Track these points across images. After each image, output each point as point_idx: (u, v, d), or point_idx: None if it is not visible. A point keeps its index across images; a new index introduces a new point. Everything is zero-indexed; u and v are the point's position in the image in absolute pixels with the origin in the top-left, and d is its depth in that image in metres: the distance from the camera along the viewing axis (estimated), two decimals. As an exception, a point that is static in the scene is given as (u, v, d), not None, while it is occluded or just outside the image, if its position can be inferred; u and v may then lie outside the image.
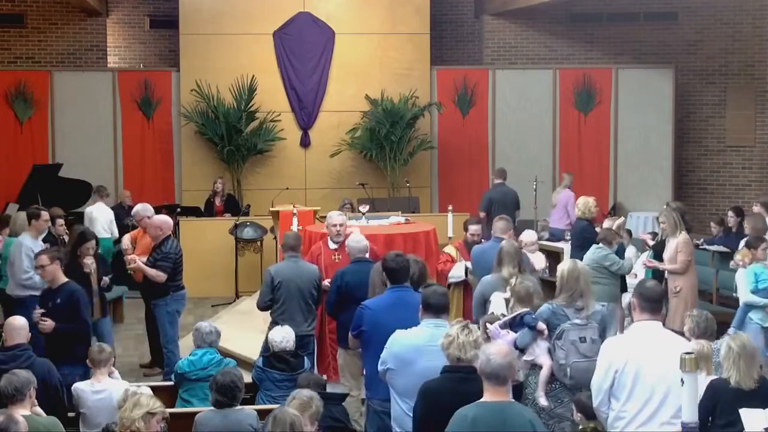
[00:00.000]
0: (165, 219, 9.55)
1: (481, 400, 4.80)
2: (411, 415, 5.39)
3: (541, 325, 6.55)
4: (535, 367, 6.56)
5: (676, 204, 11.20)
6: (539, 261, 9.47)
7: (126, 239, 10.47)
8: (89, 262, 8.95)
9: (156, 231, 9.34)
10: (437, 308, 5.74)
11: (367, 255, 7.98)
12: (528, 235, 9.57)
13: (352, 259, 7.92)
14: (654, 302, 5.46)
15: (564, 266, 6.83)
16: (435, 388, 5.18)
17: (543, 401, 6.41)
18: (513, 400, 4.95)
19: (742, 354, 6.03)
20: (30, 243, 9.35)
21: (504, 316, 6.92)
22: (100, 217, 13.20)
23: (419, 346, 5.60)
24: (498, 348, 4.92)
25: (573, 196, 13.39)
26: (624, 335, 5.80)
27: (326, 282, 8.26)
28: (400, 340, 5.72)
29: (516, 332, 6.61)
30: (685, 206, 11.48)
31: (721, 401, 5.94)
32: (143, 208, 10.20)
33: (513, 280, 7.31)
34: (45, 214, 9.74)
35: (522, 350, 6.55)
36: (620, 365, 5.28)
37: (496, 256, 7.89)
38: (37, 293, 8.46)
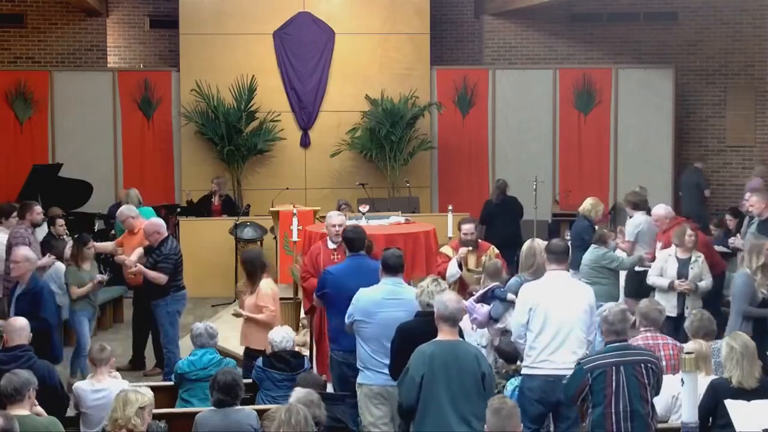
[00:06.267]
0: (158, 221, 9.61)
1: (437, 339, 5.82)
2: (374, 357, 6.58)
3: (511, 296, 7.43)
4: (506, 332, 7.38)
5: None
6: None
7: (111, 246, 10.44)
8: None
9: (154, 235, 9.38)
10: (394, 268, 6.81)
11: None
12: None
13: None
14: (559, 254, 6.71)
15: (524, 244, 7.96)
16: (409, 327, 6.29)
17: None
18: (461, 339, 6.00)
19: (744, 353, 6.05)
20: None
21: None
22: None
23: (380, 300, 6.66)
24: (450, 296, 5.97)
25: (761, 182, 14.76)
26: (538, 281, 6.87)
27: None
28: (364, 296, 6.75)
29: (489, 305, 7.56)
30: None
31: (721, 401, 5.95)
32: (128, 209, 10.28)
33: (484, 259, 8.62)
34: None
35: (497, 320, 7.54)
36: (533, 305, 6.54)
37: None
38: None
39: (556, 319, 6.47)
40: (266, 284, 8.50)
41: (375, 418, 6.63)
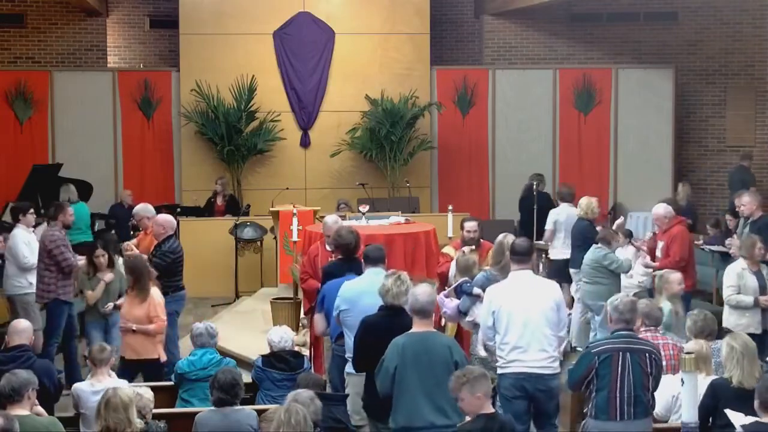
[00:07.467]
0: (168, 218, 9.59)
1: (410, 331, 6.00)
2: None
3: (477, 290, 7.71)
4: (476, 326, 7.53)
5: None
6: None
7: (131, 244, 10.47)
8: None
9: (159, 229, 9.42)
10: (375, 259, 7.16)
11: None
12: None
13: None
14: (521, 254, 6.84)
15: (496, 239, 8.03)
16: (372, 321, 6.45)
17: (482, 353, 7.42)
18: (435, 330, 6.16)
19: (745, 353, 6.04)
20: None
21: None
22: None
23: (363, 289, 6.88)
24: (423, 289, 6.08)
25: None
26: (501, 283, 7.00)
27: None
28: (349, 287, 7.05)
29: (459, 299, 7.86)
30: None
31: (722, 401, 5.94)
32: (143, 209, 10.25)
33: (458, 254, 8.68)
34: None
35: (465, 313, 7.81)
36: (496, 307, 6.67)
37: None
38: None
39: (520, 320, 6.58)
40: (156, 293, 8.45)
41: None
